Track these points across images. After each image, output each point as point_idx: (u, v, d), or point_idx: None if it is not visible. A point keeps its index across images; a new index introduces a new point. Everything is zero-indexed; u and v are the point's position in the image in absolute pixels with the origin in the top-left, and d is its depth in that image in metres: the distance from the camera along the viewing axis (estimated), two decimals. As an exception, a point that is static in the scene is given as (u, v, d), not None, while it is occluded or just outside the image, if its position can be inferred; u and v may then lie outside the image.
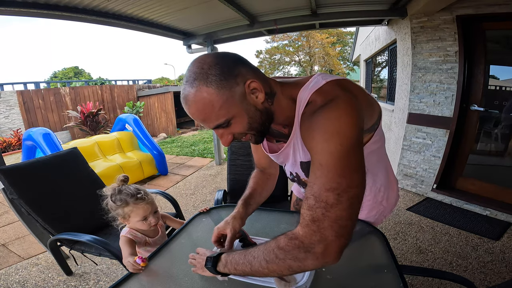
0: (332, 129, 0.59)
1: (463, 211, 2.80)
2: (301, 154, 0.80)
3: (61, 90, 8.74)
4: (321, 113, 0.62)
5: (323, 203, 0.56)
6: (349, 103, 0.62)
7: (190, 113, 0.68)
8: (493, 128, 2.80)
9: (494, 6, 2.34)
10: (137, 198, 1.23)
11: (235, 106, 0.66)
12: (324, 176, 0.57)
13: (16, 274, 2.09)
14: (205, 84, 0.62)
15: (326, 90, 0.68)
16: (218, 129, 0.70)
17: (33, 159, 2.02)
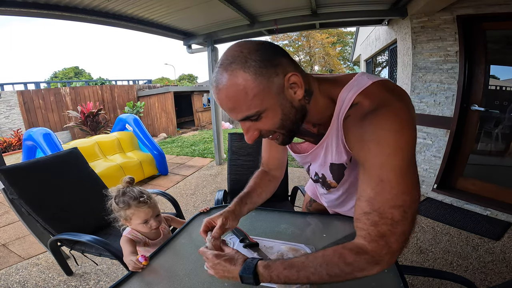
0: (394, 144, 0.57)
1: (464, 211, 2.79)
2: (333, 156, 0.77)
3: (61, 90, 8.75)
4: (377, 122, 0.59)
5: (389, 220, 0.57)
6: (406, 113, 0.59)
7: (219, 98, 0.61)
8: (493, 128, 2.79)
9: (495, 6, 2.34)
10: (140, 201, 1.24)
11: (270, 98, 0.61)
12: (387, 193, 0.57)
13: (17, 274, 2.09)
14: (242, 69, 0.57)
15: (374, 93, 0.63)
16: (245, 122, 0.65)
17: (33, 159, 2.02)
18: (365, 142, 0.60)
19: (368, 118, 0.60)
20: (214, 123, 4.86)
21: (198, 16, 3.48)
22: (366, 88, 0.65)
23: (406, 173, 0.57)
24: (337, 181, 0.86)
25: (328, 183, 0.89)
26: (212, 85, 0.62)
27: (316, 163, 0.88)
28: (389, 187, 0.57)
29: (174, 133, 9.72)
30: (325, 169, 0.85)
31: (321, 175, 0.89)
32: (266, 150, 1.04)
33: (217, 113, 4.81)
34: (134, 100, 10.02)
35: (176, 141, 7.43)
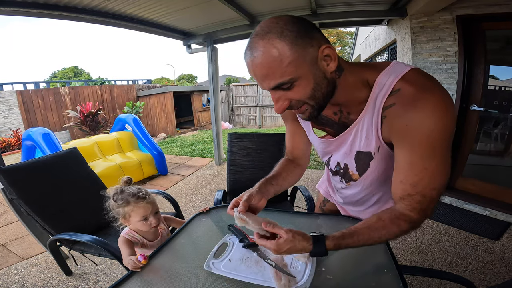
0: (440, 135, 0.63)
1: (463, 211, 2.80)
2: (362, 143, 0.77)
3: (60, 90, 8.74)
4: (424, 111, 0.62)
5: (429, 198, 0.67)
6: (449, 100, 0.63)
7: (254, 65, 0.62)
8: (493, 128, 2.80)
9: (494, 6, 2.34)
10: (138, 197, 1.23)
11: (304, 67, 0.62)
12: (428, 178, 0.66)
13: (16, 274, 2.08)
14: (278, 37, 0.59)
15: (415, 80, 0.65)
16: (277, 91, 0.66)
17: (32, 159, 2.02)
18: (412, 130, 0.64)
19: (415, 106, 0.62)
20: (213, 123, 4.86)
21: (198, 16, 3.48)
22: (406, 73, 0.66)
23: (446, 160, 0.66)
24: (360, 173, 0.86)
25: (349, 174, 0.89)
26: (246, 53, 0.63)
27: (339, 152, 0.87)
28: (431, 174, 0.65)
29: (174, 133, 9.71)
30: (349, 158, 0.85)
31: (344, 165, 0.89)
32: (290, 139, 1.05)
33: (216, 113, 4.80)
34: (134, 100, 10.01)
35: (176, 141, 7.43)
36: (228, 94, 12.91)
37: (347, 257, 0.95)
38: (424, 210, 0.68)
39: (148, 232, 1.30)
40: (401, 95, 0.65)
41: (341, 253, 0.95)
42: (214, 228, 1.16)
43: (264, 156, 2.22)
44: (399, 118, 0.66)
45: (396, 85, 0.66)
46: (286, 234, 0.69)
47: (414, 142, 0.65)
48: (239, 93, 12.73)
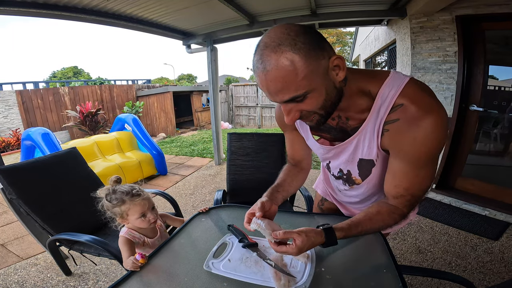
0: (436, 150, 0.71)
1: (462, 211, 2.80)
2: (364, 151, 0.82)
3: (60, 90, 8.72)
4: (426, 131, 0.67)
5: (416, 197, 0.78)
6: (446, 120, 0.69)
7: (267, 80, 0.61)
8: (492, 128, 2.80)
9: (494, 6, 2.34)
10: (133, 194, 1.22)
11: (317, 79, 0.63)
12: (419, 183, 0.76)
13: (15, 274, 2.08)
14: (291, 50, 0.58)
15: (416, 96, 0.69)
16: (289, 104, 0.66)
17: (32, 159, 2.01)
18: (414, 146, 0.70)
19: (419, 126, 0.67)
20: (213, 123, 4.86)
21: (198, 16, 3.48)
22: (405, 87, 0.69)
23: (434, 167, 0.76)
24: (362, 178, 0.91)
25: (352, 179, 0.94)
26: (257, 67, 0.62)
27: (339, 159, 0.91)
28: (422, 179, 0.76)
29: (173, 133, 9.71)
30: (352, 165, 0.89)
31: (347, 171, 0.93)
32: (290, 147, 1.08)
33: (216, 113, 4.80)
34: (133, 100, 10.00)
35: (175, 141, 7.43)
36: (227, 94, 12.91)
37: (347, 257, 0.95)
38: (412, 205, 0.81)
39: (147, 229, 1.30)
40: (404, 112, 0.69)
41: (341, 253, 0.96)
42: (213, 228, 1.16)
43: (263, 156, 2.22)
44: (402, 134, 0.70)
45: (397, 100, 0.69)
46: (299, 237, 0.72)
47: (414, 156, 0.72)
48: (238, 93, 12.73)
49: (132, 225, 1.26)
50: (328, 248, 0.96)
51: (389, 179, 0.80)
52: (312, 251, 0.92)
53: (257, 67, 0.62)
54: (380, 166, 0.84)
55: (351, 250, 0.98)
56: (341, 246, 0.99)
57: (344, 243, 1.00)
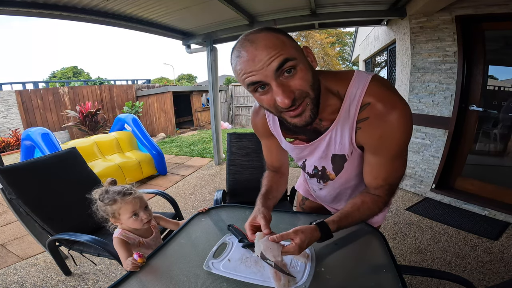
0: (405, 141, 0.77)
1: (462, 211, 2.80)
2: (336, 147, 0.87)
3: (60, 90, 8.72)
4: (393, 125, 0.73)
5: (394, 186, 0.87)
6: (410, 113, 0.75)
7: (258, 49, 0.63)
8: (492, 128, 2.80)
9: (494, 7, 2.34)
10: (124, 193, 1.23)
11: (302, 56, 0.68)
12: (395, 172, 0.84)
13: (15, 274, 2.08)
14: (274, 31, 0.66)
15: (380, 94, 0.74)
16: (281, 76, 0.65)
17: (31, 159, 2.01)
18: (384, 140, 0.77)
19: (386, 121, 0.74)
20: (213, 123, 4.86)
21: (197, 16, 3.48)
22: (369, 86, 0.74)
23: (406, 156, 0.83)
24: (336, 173, 0.96)
25: (327, 174, 0.98)
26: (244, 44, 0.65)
27: (314, 157, 0.95)
28: (397, 169, 0.84)
29: (173, 133, 9.70)
30: (326, 161, 0.94)
31: (321, 167, 0.97)
32: (268, 154, 1.13)
33: (216, 113, 4.80)
34: (133, 100, 10.00)
35: (175, 141, 7.42)
36: (227, 94, 12.91)
37: (347, 257, 0.95)
38: (392, 193, 0.89)
39: (142, 230, 1.30)
40: (372, 110, 0.75)
41: (341, 253, 0.96)
42: (213, 228, 1.16)
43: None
44: (373, 130, 0.77)
45: (364, 99, 0.75)
46: (297, 235, 0.75)
47: (386, 149, 0.79)
48: (238, 93, 12.72)
49: (125, 225, 1.27)
50: (328, 248, 0.97)
51: (368, 172, 0.87)
52: (312, 250, 0.92)
53: (243, 46, 0.65)
54: (351, 161, 0.89)
55: (351, 250, 0.98)
56: (341, 246, 0.99)
57: (343, 242, 1.01)
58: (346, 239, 1.03)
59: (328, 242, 0.98)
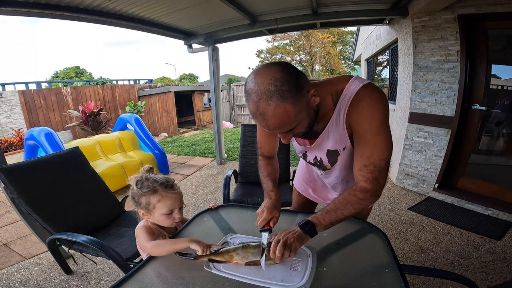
0: (381, 119, 0.86)
1: (465, 211, 2.79)
2: (330, 144, 1.00)
3: (62, 90, 8.76)
4: (368, 107, 0.86)
5: (378, 168, 0.89)
6: (383, 97, 0.87)
7: (268, 125, 0.79)
8: (495, 127, 2.79)
9: (496, 6, 2.33)
10: (167, 186, 1.09)
11: (304, 112, 0.81)
12: (378, 151, 0.88)
13: (18, 273, 2.09)
14: (282, 101, 0.73)
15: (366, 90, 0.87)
16: (284, 133, 0.85)
17: (34, 158, 2.02)
18: (363, 120, 0.87)
19: (359, 105, 0.87)
20: (215, 123, 4.86)
21: (199, 15, 3.48)
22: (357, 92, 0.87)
23: (388, 136, 0.88)
24: (331, 164, 1.08)
25: (324, 165, 1.10)
26: (258, 116, 0.77)
27: (313, 151, 1.09)
28: (380, 147, 0.88)
29: (175, 132, 9.72)
30: (322, 154, 1.06)
31: (319, 159, 1.10)
32: (266, 141, 1.25)
33: (218, 112, 4.81)
34: (135, 100, 10.01)
35: (177, 141, 7.44)
36: (229, 93, 12.91)
37: (349, 257, 0.95)
38: (376, 179, 0.90)
39: (168, 227, 1.18)
40: (355, 99, 0.87)
41: (343, 253, 0.96)
42: (215, 228, 1.17)
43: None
44: (354, 114, 0.88)
45: (354, 96, 0.87)
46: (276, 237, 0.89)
47: (366, 125, 0.87)
48: (240, 92, 12.72)
49: (154, 220, 1.12)
50: (330, 248, 0.97)
51: (355, 154, 0.94)
52: (312, 251, 0.92)
53: (255, 116, 0.78)
54: (343, 155, 1.01)
55: (352, 250, 0.98)
56: (343, 246, 0.99)
57: (345, 242, 1.01)
58: (348, 239, 1.03)
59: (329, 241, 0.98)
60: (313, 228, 0.88)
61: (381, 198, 3.11)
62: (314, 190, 1.40)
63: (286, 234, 0.88)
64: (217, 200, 3.39)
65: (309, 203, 1.46)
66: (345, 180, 1.14)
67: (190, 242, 0.93)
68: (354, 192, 0.92)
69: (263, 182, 1.16)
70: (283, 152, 2.60)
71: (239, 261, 0.88)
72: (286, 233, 0.89)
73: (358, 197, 0.91)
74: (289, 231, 0.90)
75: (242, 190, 2.45)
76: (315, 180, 1.37)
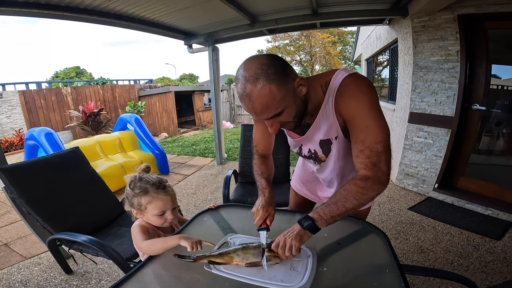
0: (369, 101, 0.85)
1: (465, 211, 2.79)
2: (321, 134, 1.00)
3: (62, 90, 8.76)
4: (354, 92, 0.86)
5: (375, 152, 0.85)
6: (368, 82, 0.88)
7: (254, 107, 0.80)
8: (495, 127, 2.79)
9: (496, 6, 2.33)
10: (158, 187, 1.09)
11: (290, 98, 0.83)
12: (371, 134, 0.85)
13: (18, 273, 2.10)
14: (267, 82, 0.76)
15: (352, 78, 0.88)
16: (271, 119, 0.85)
17: (34, 158, 2.02)
18: (351, 105, 0.87)
19: (344, 91, 0.88)
20: (215, 123, 4.86)
21: (199, 15, 3.48)
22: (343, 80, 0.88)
23: (380, 118, 0.85)
24: (326, 155, 1.07)
25: (319, 157, 1.10)
26: (243, 97, 0.80)
27: (307, 143, 1.10)
28: (373, 130, 0.85)
29: (175, 132, 9.72)
30: (315, 146, 1.06)
31: (313, 150, 1.10)
32: (262, 139, 1.26)
33: (218, 112, 4.81)
34: (135, 100, 10.02)
35: (177, 141, 7.44)
36: (229, 93, 12.90)
37: (349, 257, 0.95)
38: (375, 164, 0.85)
39: (162, 226, 1.17)
40: (342, 87, 0.88)
41: (343, 253, 0.96)
42: (215, 228, 1.17)
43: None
44: (340, 104, 0.89)
45: (340, 86, 0.89)
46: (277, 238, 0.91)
47: (354, 111, 0.87)
48: (240, 92, 12.70)
49: (147, 220, 1.13)
50: (330, 248, 0.97)
51: (352, 141, 0.91)
52: (313, 251, 0.92)
53: (242, 99, 0.80)
54: (336, 144, 1.00)
55: (353, 250, 0.98)
56: (343, 245, 0.99)
57: (345, 242, 1.01)
58: (348, 239, 1.03)
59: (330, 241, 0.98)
60: (313, 224, 0.87)
61: (381, 198, 3.12)
62: (311, 190, 1.40)
63: (285, 235, 0.89)
64: (217, 200, 3.39)
65: (306, 203, 1.46)
66: (340, 174, 1.12)
67: (180, 239, 0.95)
68: (354, 181, 0.88)
69: (257, 181, 1.16)
70: (283, 152, 2.60)
71: (239, 263, 0.88)
72: (285, 234, 0.89)
73: (359, 186, 0.86)
74: (288, 231, 0.90)
75: (242, 190, 2.45)
76: (311, 180, 1.37)
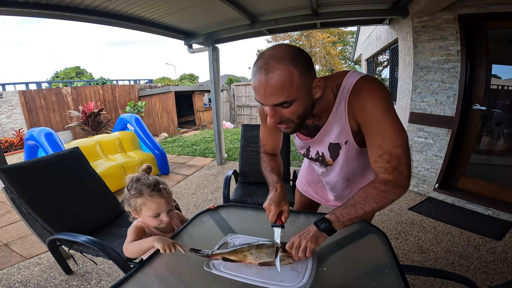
0: (384, 104, 0.82)
1: (465, 211, 2.79)
2: (331, 137, 0.97)
3: (62, 90, 8.75)
4: (369, 94, 0.83)
5: (395, 156, 0.82)
6: (382, 85, 0.86)
7: (268, 83, 0.74)
8: (495, 127, 2.78)
9: (496, 6, 2.33)
10: (153, 189, 1.11)
11: (304, 92, 0.79)
12: (389, 138, 0.82)
13: (18, 273, 2.10)
14: (292, 65, 0.73)
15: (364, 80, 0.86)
16: (276, 107, 0.80)
17: (34, 159, 2.02)
18: (366, 108, 0.84)
19: (359, 94, 0.85)
20: (215, 123, 4.86)
21: (199, 15, 3.48)
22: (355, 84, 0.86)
23: (397, 121, 0.83)
24: (333, 159, 1.04)
25: (326, 161, 1.07)
26: (259, 72, 0.75)
27: (315, 146, 1.07)
28: (390, 134, 0.82)
29: (175, 132, 9.72)
30: (324, 148, 1.04)
31: (321, 153, 1.07)
32: (269, 138, 1.24)
33: (218, 112, 4.81)
34: (135, 100, 10.02)
35: (177, 141, 7.44)
36: (229, 93, 12.90)
37: (349, 257, 0.95)
38: (396, 168, 0.83)
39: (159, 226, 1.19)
40: (355, 90, 0.86)
41: (343, 253, 0.96)
42: (215, 228, 1.17)
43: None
44: (354, 107, 0.86)
45: (353, 87, 0.86)
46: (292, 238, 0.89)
47: (369, 115, 0.84)
48: (240, 92, 12.72)
49: (144, 220, 1.17)
50: (330, 248, 0.97)
51: (368, 146, 0.89)
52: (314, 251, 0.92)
53: (259, 72, 0.75)
54: (345, 149, 0.98)
55: (353, 250, 0.98)
56: (343, 245, 0.99)
57: (345, 242, 1.00)
58: (348, 239, 1.03)
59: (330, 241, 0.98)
60: (330, 226, 0.86)
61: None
62: (317, 191, 1.39)
63: (300, 236, 0.88)
64: (217, 200, 3.39)
65: (311, 204, 1.45)
66: (345, 178, 1.10)
67: (153, 241, 0.96)
68: (374, 184, 0.86)
69: (267, 177, 1.13)
70: (283, 152, 2.58)
71: (252, 261, 0.87)
72: (300, 235, 0.88)
73: (379, 189, 0.84)
74: (304, 232, 0.89)
75: (242, 190, 2.45)
76: (317, 182, 1.36)
